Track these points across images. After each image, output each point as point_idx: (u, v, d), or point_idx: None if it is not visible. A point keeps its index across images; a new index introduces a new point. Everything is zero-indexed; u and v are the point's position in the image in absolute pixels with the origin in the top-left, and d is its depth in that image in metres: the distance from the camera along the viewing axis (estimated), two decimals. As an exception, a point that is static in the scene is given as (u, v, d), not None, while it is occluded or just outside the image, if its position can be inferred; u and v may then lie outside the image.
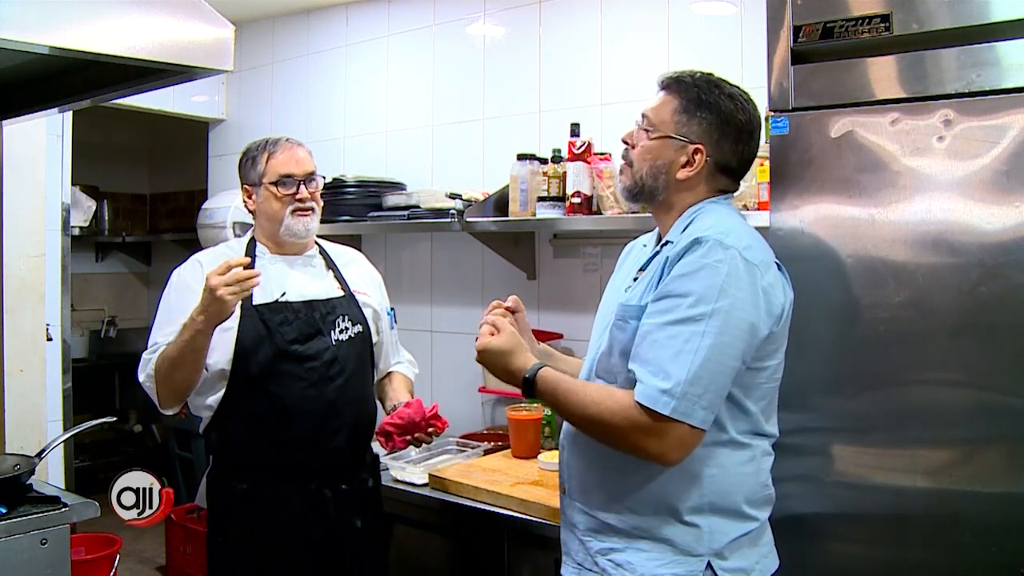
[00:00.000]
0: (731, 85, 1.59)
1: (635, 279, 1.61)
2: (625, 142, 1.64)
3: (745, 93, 1.59)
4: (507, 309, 1.73)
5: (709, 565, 1.51)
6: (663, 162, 1.56)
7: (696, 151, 1.55)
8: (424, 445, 2.14)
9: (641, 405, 1.42)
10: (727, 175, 1.60)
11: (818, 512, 1.69)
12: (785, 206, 1.72)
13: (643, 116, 1.60)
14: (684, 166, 1.56)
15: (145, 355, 2.01)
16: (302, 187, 2.08)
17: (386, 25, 3.43)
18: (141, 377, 2.00)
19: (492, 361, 1.61)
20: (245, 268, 1.83)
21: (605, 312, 1.67)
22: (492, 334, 1.61)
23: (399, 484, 2.46)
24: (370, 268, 2.32)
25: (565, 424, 1.69)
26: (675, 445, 1.42)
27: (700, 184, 1.58)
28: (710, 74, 1.59)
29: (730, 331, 1.42)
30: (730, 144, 1.56)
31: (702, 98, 1.55)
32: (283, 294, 2.06)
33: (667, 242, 1.57)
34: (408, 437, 2.03)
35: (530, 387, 1.56)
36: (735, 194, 1.67)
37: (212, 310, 1.82)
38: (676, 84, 1.58)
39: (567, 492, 1.67)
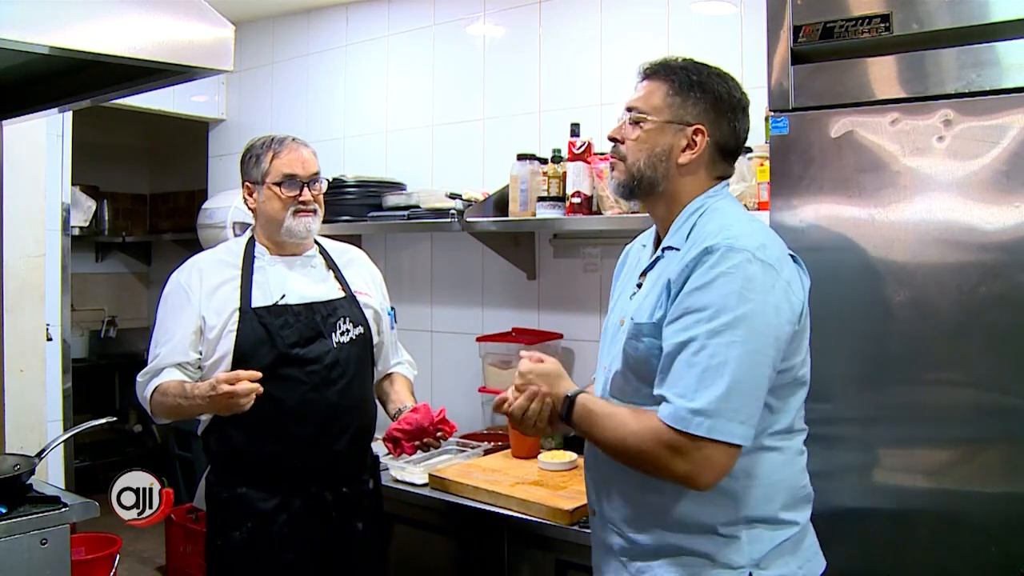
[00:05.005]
0: (714, 67, 1.54)
1: (639, 285, 1.57)
2: (613, 139, 1.56)
3: (728, 73, 1.55)
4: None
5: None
6: (662, 149, 1.50)
7: (696, 131, 1.49)
8: (432, 450, 2.11)
9: (670, 427, 1.35)
10: (725, 157, 1.54)
11: (817, 512, 1.69)
12: (785, 206, 1.72)
13: (630, 109, 1.53)
14: (685, 150, 1.49)
15: (140, 377, 2.02)
16: (305, 189, 2.05)
17: (386, 25, 3.43)
18: (140, 398, 2.03)
19: (538, 382, 1.53)
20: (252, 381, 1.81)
21: (614, 324, 1.60)
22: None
23: (399, 484, 2.46)
24: (371, 267, 2.30)
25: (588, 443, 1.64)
26: (704, 466, 1.35)
27: (701, 169, 1.52)
28: (690, 58, 1.55)
29: (757, 337, 1.35)
30: (727, 122, 1.51)
31: (693, 79, 1.50)
32: (283, 296, 2.04)
33: (669, 247, 1.51)
34: (417, 443, 2.01)
35: (570, 407, 1.50)
36: (732, 185, 1.64)
37: (213, 406, 1.85)
38: (662, 69, 1.53)
39: (597, 514, 1.61)
